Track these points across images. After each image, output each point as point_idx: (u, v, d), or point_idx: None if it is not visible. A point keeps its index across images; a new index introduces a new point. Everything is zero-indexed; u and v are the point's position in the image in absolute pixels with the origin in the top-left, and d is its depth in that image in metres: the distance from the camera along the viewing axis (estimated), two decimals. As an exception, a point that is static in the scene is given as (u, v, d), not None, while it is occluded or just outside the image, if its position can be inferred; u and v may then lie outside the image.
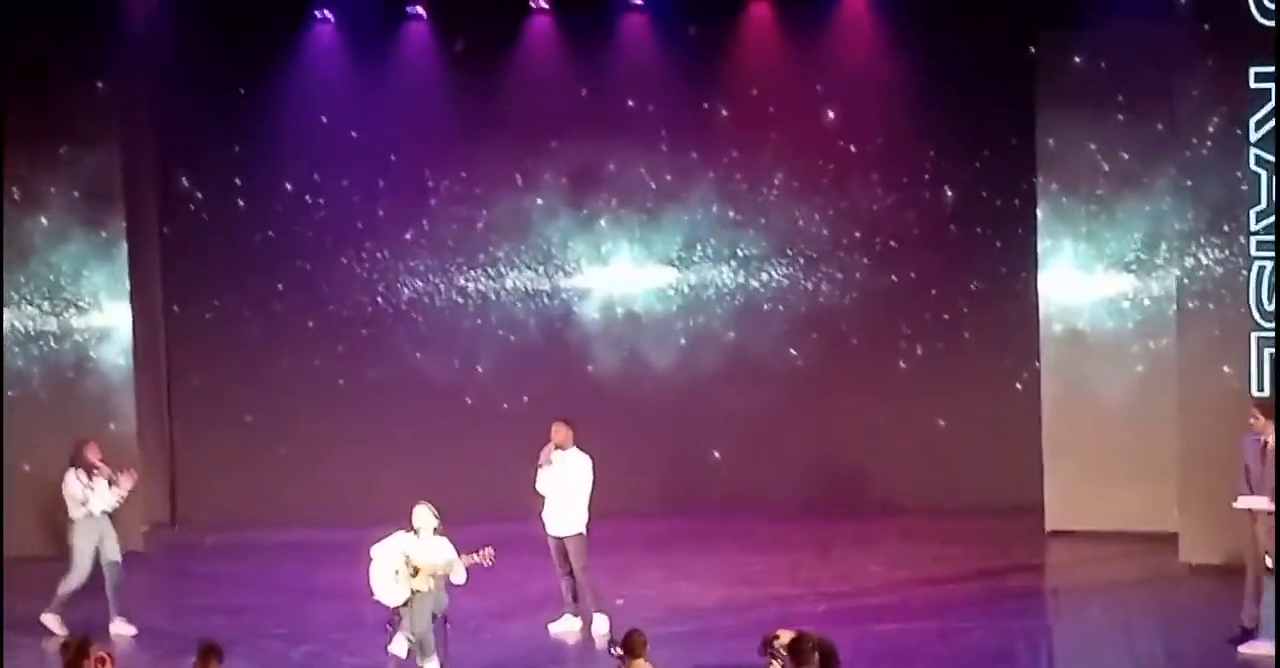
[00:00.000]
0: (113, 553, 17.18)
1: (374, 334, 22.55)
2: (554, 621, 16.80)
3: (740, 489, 22.08)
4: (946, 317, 22.10)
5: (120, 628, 17.07)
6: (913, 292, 22.12)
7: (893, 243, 22.15)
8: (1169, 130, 18.94)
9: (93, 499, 17.08)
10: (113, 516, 17.32)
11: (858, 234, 22.21)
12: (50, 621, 17.18)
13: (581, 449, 16.75)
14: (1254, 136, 18.14)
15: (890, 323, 22.19)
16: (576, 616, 16.78)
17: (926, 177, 22.01)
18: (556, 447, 16.64)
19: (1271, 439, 15.49)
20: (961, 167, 21.87)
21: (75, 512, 17.20)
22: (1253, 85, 18.11)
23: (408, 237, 22.54)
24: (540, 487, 16.70)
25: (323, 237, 22.51)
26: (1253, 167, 18.16)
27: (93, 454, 17.22)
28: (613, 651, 12.38)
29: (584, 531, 16.71)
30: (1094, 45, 20.06)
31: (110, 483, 17.17)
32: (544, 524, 16.77)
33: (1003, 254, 21.76)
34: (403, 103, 22.38)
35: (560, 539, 16.70)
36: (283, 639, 16.69)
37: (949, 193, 21.99)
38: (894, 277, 22.15)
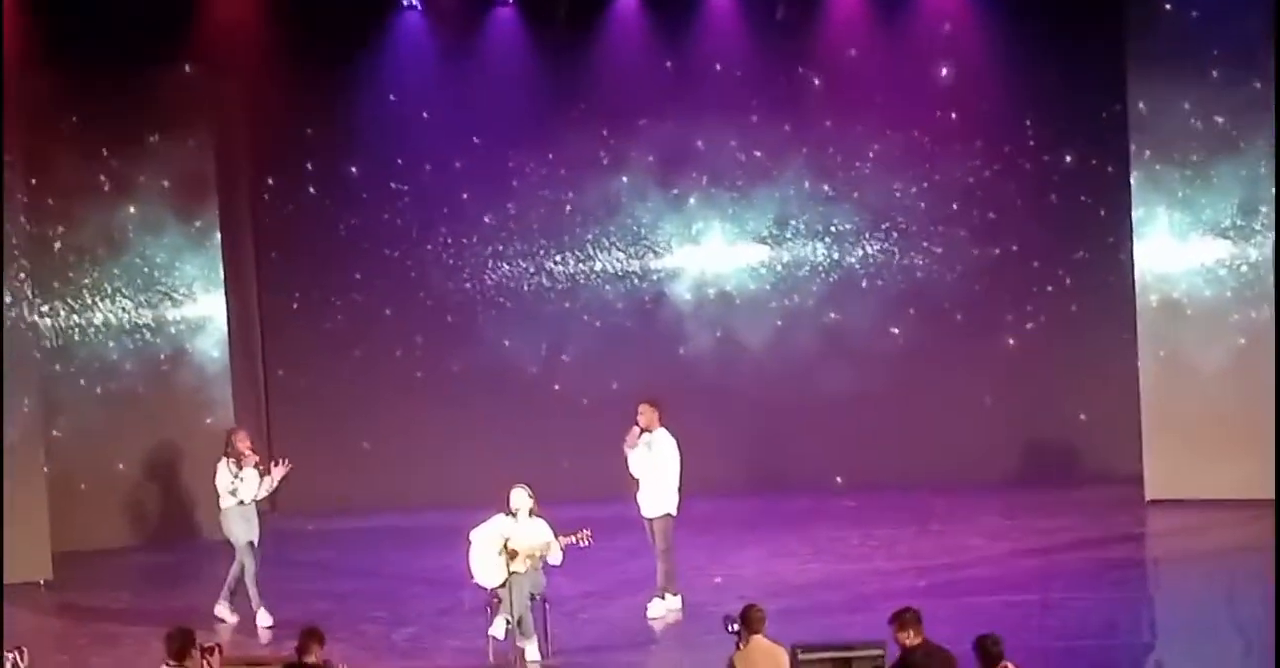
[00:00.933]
0: (257, 541, 17.11)
1: (461, 321, 22.60)
2: (649, 603, 16.74)
3: (836, 467, 22.01)
4: (1050, 288, 21.95)
5: (222, 612, 17.12)
6: (1012, 264, 21.96)
7: (991, 214, 21.98)
8: (1265, 89, 18.57)
9: (241, 488, 16.99)
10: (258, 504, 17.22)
11: (955, 206, 22.06)
12: (220, 610, 17.10)
13: (668, 430, 16.68)
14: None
15: (989, 296, 22.05)
16: (676, 594, 16.75)
17: (1023, 145, 21.84)
18: (643, 429, 16.58)
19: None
20: (1059, 134, 21.65)
21: (225, 501, 17.09)
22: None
23: (490, 221, 22.55)
24: (632, 469, 16.68)
25: (410, 224, 22.59)
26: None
27: (242, 443, 17.10)
28: (730, 627, 12.23)
29: (672, 512, 16.61)
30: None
31: (260, 472, 17.07)
32: (638, 506, 16.75)
33: (1100, 223, 21.55)
34: (487, 88, 22.42)
35: (649, 520, 16.66)
36: (383, 623, 16.78)
37: (1045, 160, 21.79)
38: (996, 250, 21.99)
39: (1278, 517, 15.34)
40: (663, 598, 16.65)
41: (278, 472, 17.12)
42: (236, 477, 16.99)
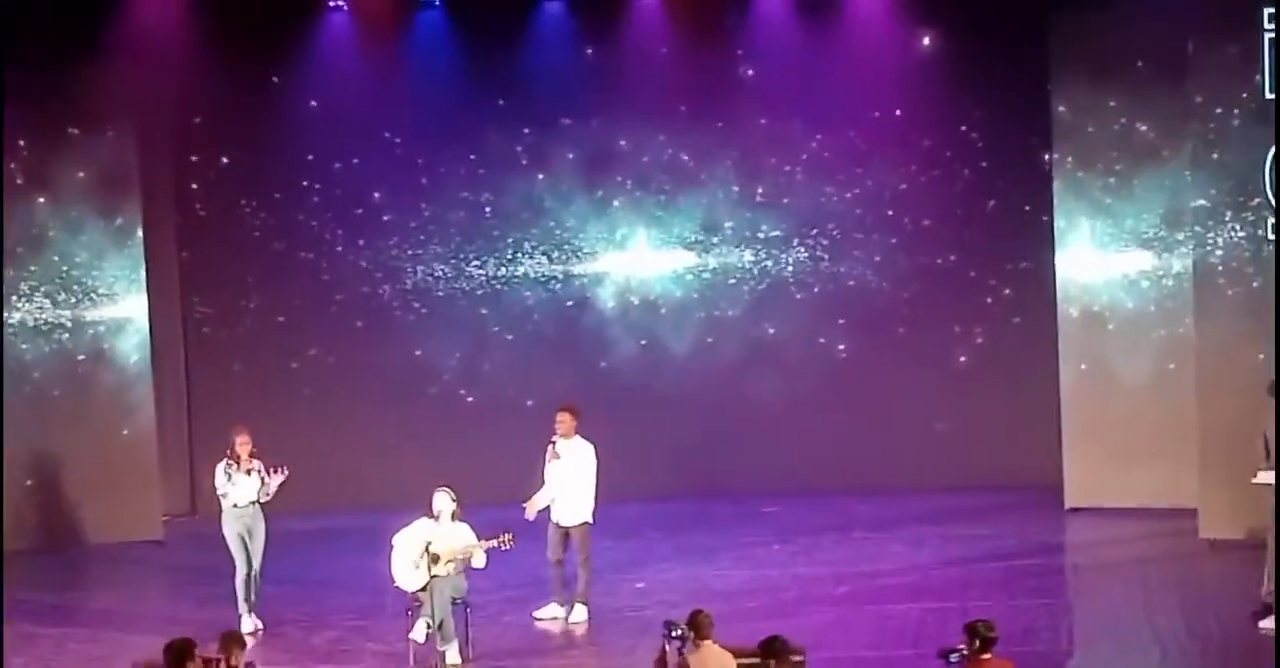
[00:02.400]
0: (259, 546, 16.73)
1: (381, 324, 22.55)
2: (539, 608, 16.64)
3: (758, 473, 22.03)
4: (981, 297, 22.02)
5: (246, 623, 16.51)
6: (946, 272, 22.03)
7: (925, 222, 22.05)
8: (1189, 100, 18.61)
9: (232, 492, 16.69)
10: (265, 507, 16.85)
11: (889, 213, 22.15)
12: (243, 621, 16.52)
13: (585, 438, 16.59)
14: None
15: (920, 304, 22.13)
16: (563, 604, 16.58)
17: (961, 149, 21.88)
18: (561, 436, 16.52)
19: (1289, 416, 15.45)
20: (988, 139, 21.73)
21: (223, 502, 16.81)
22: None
23: (413, 224, 22.53)
24: (548, 478, 16.57)
25: (325, 224, 22.48)
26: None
27: (242, 447, 16.70)
28: (673, 633, 12.11)
29: (590, 520, 16.57)
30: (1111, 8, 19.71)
31: (259, 477, 16.67)
32: (550, 513, 16.59)
33: (1024, 232, 21.63)
34: (409, 88, 22.41)
35: (565, 529, 16.54)
36: (304, 626, 16.72)
37: (972, 169, 21.86)
38: (928, 258, 22.06)
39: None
40: (561, 605, 16.51)
41: (273, 481, 16.68)
42: (230, 480, 16.68)
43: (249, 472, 16.68)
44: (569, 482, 16.50)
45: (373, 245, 22.56)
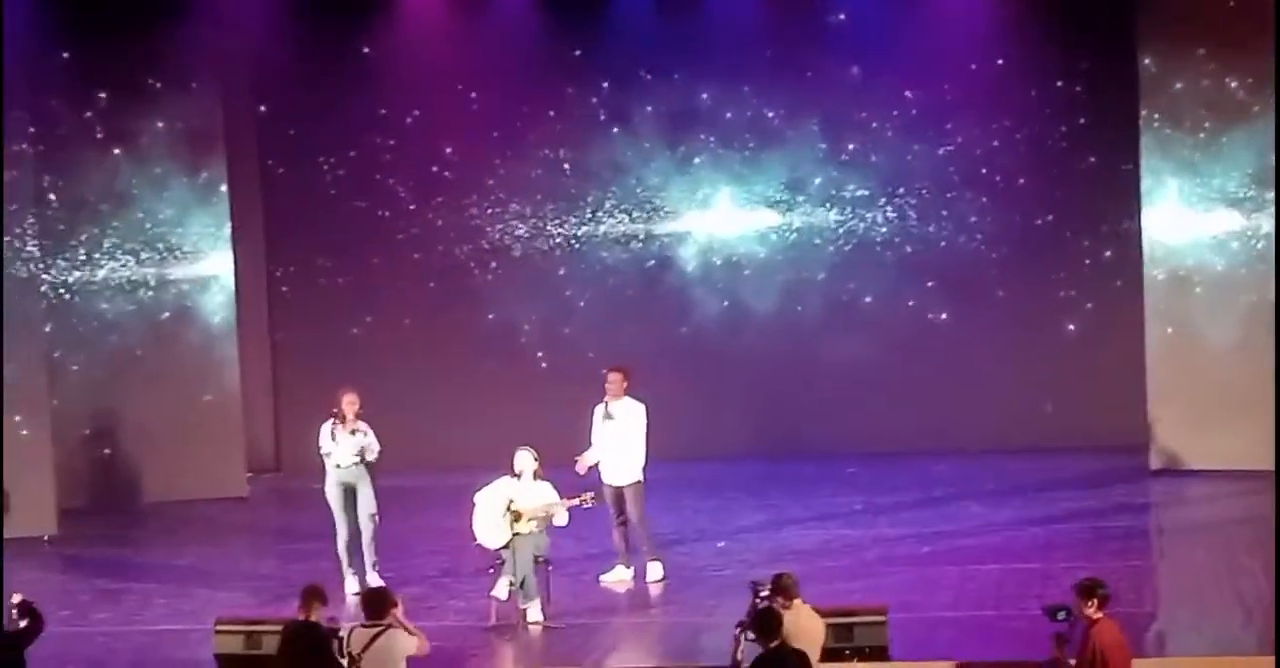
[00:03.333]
0: (366, 506, 16.52)
1: (466, 284, 22.58)
2: (606, 571, 16.56)
3: (840, 434, 21.97)
4: (1062, 258, 21.86)
5: (358, 584, 16.42)
6: (1037, 232, 21.86)
7: (1021, 181, 21.84)
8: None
9: (335, 451, 16.53)
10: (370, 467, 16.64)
11: (983, 170, 21.95)
12: (346, 582, 16.49)
13: (636, 398, 16.43)
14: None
15: (1003, 263, 21.99)
16: (629, 566, 16.52)
17: (1053, 108, 21.61)
18: (611, 397, 16.40)
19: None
20: (1087, 93, 21.42)
21: (325, 462, 16.66)
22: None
23: (490, 182, 22.48)
24: (595, 438, 16.47)
25: (402, 183, 22.48)
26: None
27: (348, 407, 16.45)
28: (760, 594, 12.11)
29: (641, 478, 16.42)
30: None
31: (360, 436, 16.46)
32: (600, 474, 16.43)
33: (1109, 192, 21.46)
34: (486, 41, 22.29)
35: (618, 488, 16.38)
36: (387, 583, 16.76)
37: (1069, 125, 21.60)
38: (1020, 217, 21.88)
39: (1278, 491, 15.31)
40: (628, 566, 16.42)
41: (374, 443, 16.45)
42: (333, 439, 16.48)
43: (353, 432, 16.49)
44: (620, 442, 16.38)
45: (449, 204, 22.54)
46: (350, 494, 16.57)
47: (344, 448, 16.54)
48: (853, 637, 13.36)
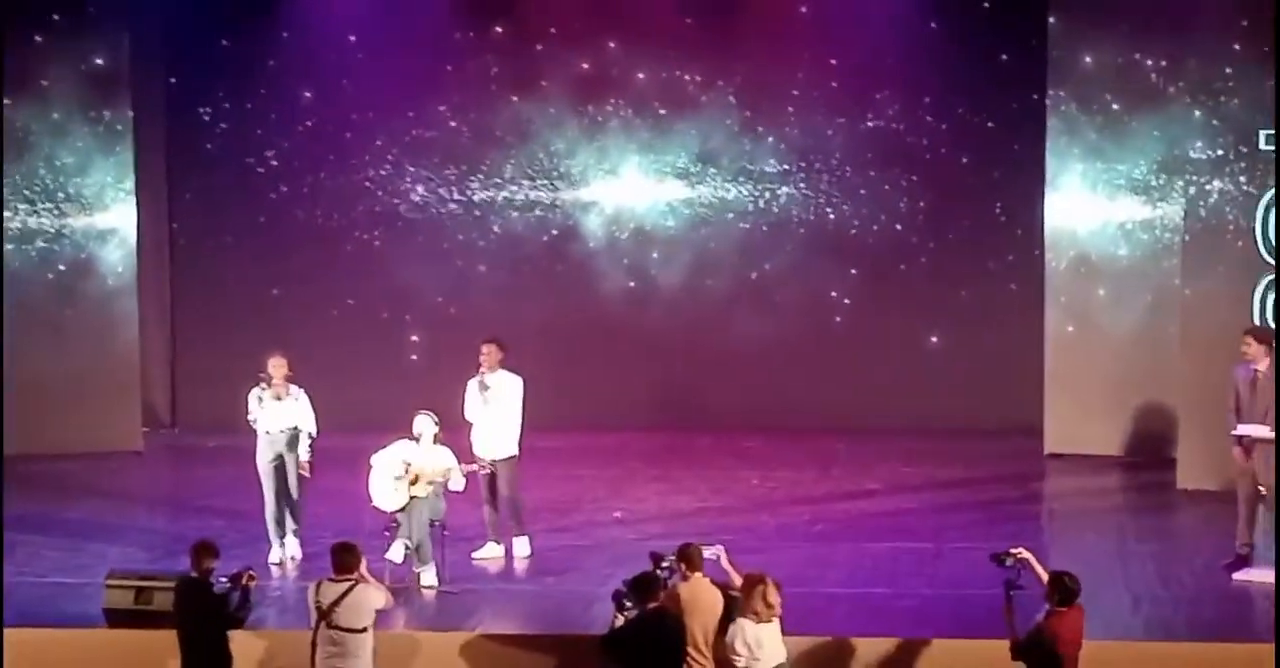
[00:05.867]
0: (291, 473, 16.11)
1: (372, 245, 22.44)
2: (476, 550, 16.29)
3: (741, 409, 22.02)
4: (951, 237, 21.96)
5: (282, 551, 16.23)
6: (932, 211, 21.92)
7: (937, 160, 21.86)
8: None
9: (262, 417, 16.10)
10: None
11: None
12: (272, 551, 16.14)
13: (511, 371, 16.24)
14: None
15: (907, 245, 22.05)
16: (499, 542, 16.30)
17: (962, 90, 21.61)
18: (486, 369, 16.15)
19: (1263, 368, 15.44)
20: (999, 79, 21.43)
21: (255, 428, 16.19)
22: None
23: (385, 143, 22.30)
24: (468, 413, 16.23)
25: (315, 146, 22.31)
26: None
27: (275, 370, 15.98)
28: (662, 565, 12.13)
29: (516, 453, 16.19)
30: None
31: (290, 402, 16.03)
32: (471, 448, 16.12)
33: (1013, 177, 21.56)
34: (394, 2, 22.10)
35: (493, 463, 16.04)
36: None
37: (984, 110, 21.61)
38: (934, 196, 21.91)
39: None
40: (498, 543, 16.24)
41: (305, 410, 16.04)
42: (260, 404, 16.07)
43: (279, 398, 16.09)
44: (495, 415, 16.12)
45: (344, 165, 22.34)
46: (280, 462, 16.21)
47: (271, 414, 16.14)
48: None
